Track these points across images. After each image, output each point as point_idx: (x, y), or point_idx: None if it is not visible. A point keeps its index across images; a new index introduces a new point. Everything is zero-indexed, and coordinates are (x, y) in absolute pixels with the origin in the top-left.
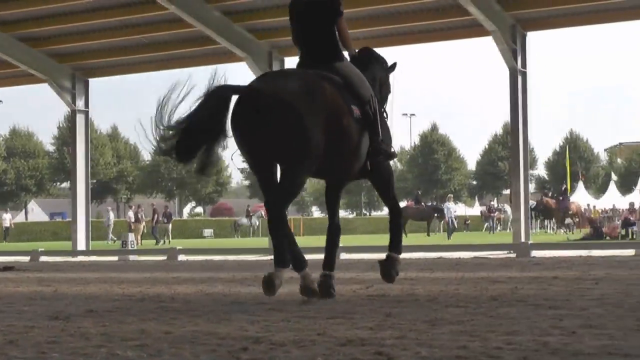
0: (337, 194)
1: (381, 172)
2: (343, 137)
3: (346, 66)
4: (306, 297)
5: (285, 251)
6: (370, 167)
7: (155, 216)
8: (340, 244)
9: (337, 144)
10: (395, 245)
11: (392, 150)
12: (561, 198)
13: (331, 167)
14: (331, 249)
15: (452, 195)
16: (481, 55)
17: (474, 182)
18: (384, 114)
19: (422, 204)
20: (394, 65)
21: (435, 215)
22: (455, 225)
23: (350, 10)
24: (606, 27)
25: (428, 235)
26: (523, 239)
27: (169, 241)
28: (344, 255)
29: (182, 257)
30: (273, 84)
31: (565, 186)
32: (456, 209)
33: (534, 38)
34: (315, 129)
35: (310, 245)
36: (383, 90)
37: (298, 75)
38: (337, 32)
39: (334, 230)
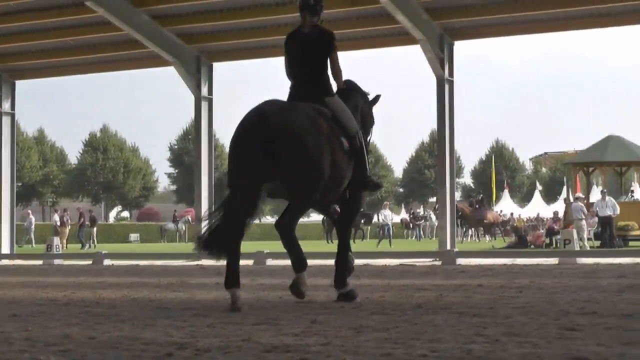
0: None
1: (353, 203)
2: (335, 167)
3: (335, 101)
4: (294, 296)
5: (300, 258)
6: (349, 195)
7: (82, 220)
8: (266, 250)
9: (331, 173)
10: (340, 281)
11: (378, 181)
12: (477, 206)
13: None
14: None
15: (388, 203)
16: (409, 63)
17: (401, 190)
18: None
19: None
20: (377, 97)
21: (362, 221)
22: (392, 232)
23: (277, 16)
24: (534, 37)
25: (354, 241)
26: (449, 247)
27: (95, 245)
28: (270, 262)
29: (107, 262)
30: (282, 116)
31: (482, 196)
32: (393, 217)
33: (461, 47)
34: (323, 159)
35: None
36: (365, 122)
37: (301, 108)
38: (329, 65)
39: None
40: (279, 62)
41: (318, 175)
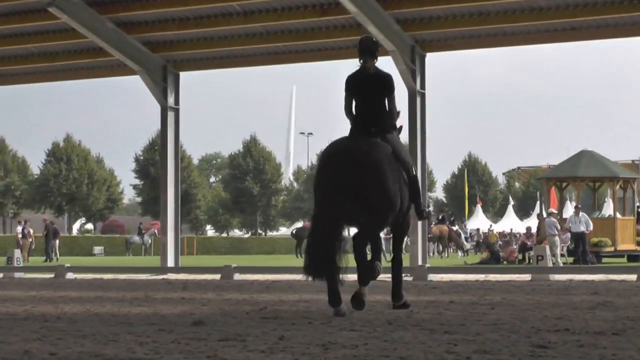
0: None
1: (405, 225)
2: (401, 199)
3: (394, 137)
4: (354, 307)
5: (365, 272)
6: (402, 220)
7: (47, 231)
8: (234, 265)
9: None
10: (398, 295)
11: (428, 210)
12: (433, 223)
13: None
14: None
15: None
16: None
17: None
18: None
19: None
20: (400, 128)
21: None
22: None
23: (245, 26)
24: (507, 50)
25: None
26: (420, 262)
27: (57, 258)
28: (237, 276)
29: (70, 275)
30: (369, 159)
31: (428, 209)
32: None
33: (433, 59)
34: (397, 194)
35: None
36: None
37: (381, 148)
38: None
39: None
40: (247, 72)
41: (394, 210)
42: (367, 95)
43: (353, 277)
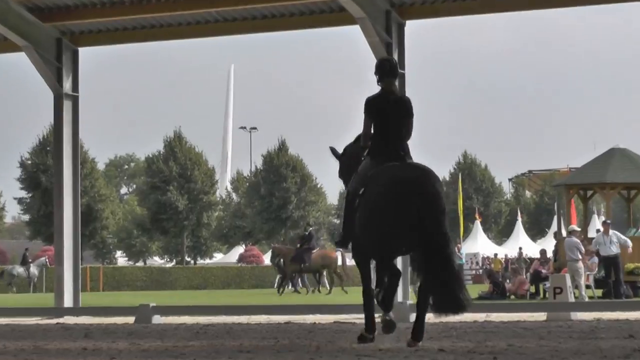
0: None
1: None
2: None
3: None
4: (385, 332)
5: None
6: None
7: None
8: (153, 303)
9: None
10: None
11: None
12: (299, 245)
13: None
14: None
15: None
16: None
17: (336, 220)
18: None
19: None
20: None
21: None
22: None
23: None
24: (513, 17)
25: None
26: (400, 299)
27: None
28: (157, 319)
29: None
30: (436, 190)
31: (311, 228)
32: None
33: (414, 28)
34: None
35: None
36: None
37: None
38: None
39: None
40: (169, 47)
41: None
42: (395, 119)
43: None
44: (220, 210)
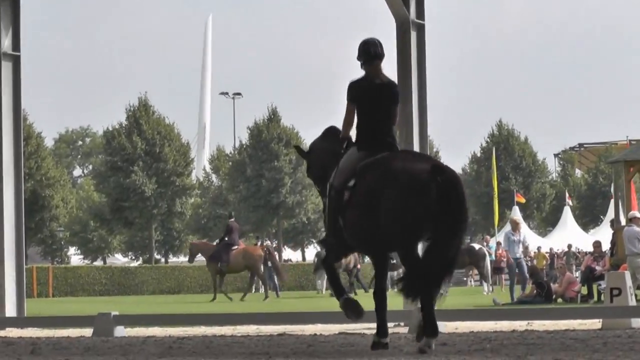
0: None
1: None
2: None
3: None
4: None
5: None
6: None
7: None
8: (115, 312)
9: None
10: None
11: None
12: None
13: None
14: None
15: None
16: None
17: None
18: None
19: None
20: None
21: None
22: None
23: None
24: None
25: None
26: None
27: None
28: (120, 331)
29: None
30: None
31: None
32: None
33: None
34: None
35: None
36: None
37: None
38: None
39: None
40: None
41: None
42: (383, 105)
43: None
44: (197, 196)
